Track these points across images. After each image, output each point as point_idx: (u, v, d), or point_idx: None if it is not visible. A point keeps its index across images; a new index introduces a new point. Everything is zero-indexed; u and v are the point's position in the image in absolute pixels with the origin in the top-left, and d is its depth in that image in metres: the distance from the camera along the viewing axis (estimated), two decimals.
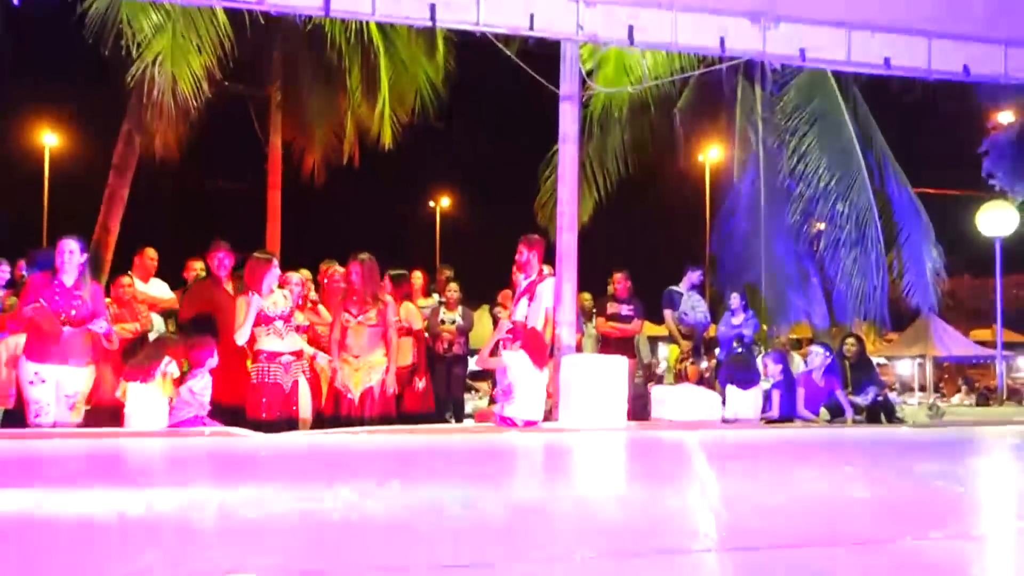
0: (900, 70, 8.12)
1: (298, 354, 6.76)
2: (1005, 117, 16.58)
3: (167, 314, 7.98)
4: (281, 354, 6.63)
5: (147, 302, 7.71)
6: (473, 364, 9.69)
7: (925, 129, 17.72)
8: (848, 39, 7.89)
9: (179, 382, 6.51)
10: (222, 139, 15.78)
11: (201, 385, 6.49)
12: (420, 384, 7.61)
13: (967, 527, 3.26)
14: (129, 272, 8.05)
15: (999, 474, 5.15)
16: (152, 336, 7.50)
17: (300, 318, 7.21)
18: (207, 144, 14.84)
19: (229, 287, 7.33)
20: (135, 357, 6.67)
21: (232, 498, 3.63)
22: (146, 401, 6.47)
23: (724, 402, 8.42)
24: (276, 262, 6.88)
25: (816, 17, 7.89)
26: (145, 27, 9.94)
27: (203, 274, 7.75)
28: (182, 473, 4.64)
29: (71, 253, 6.12)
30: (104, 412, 6.72)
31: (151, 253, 8.12)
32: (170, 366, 6.50)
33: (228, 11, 9.99)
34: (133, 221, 13.51)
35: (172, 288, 8.33)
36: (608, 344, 9.27)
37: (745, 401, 8.43)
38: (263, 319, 6.65)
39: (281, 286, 6.99)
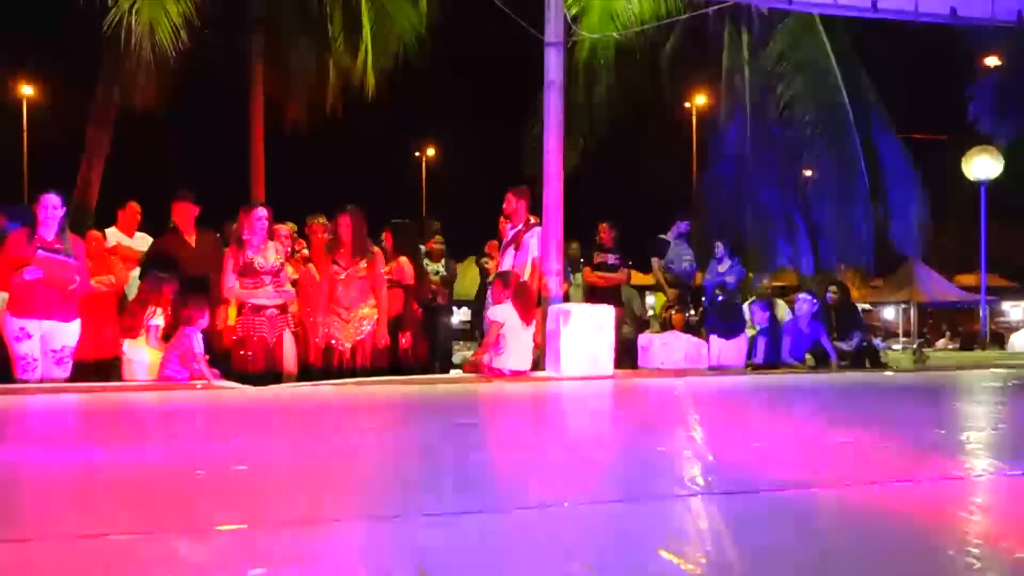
0: (887, 12, 8.05)
1: (283, 307, 6.76)
2: (991, 61, 16.48)
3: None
4: (266, 308, 6.63)
5: (122, 255, 7.62)
6: (459, 314, 9.70)
7: (911, 74, 17.63)
8: None
9: (165, 336, 6.50)
10: (203, 89, 15.53)
11: (198, 340, 6.47)
12: (403, 340, 7.51)
13: (947, 469, 3.31)
14: (112, 226, 7.97)
15: (978, 417, 5.22)
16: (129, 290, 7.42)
17: (290, 271, 7.19)
18: (187, 95, 14.61)
19: (192, 239, 7.29)
20: (125, 311, 6.67)
21: (223, 451, 3.65)
22: (137, 356, 6.48)
23: (710, 349, 8.48)
24: (262, 211, 6.81)
25: None
26: None
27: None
28: (170, 426, 4.65)
29: (54, 208, 6.06)
30: (90, 367, 6.72)
31: (134, 206, 8.03)
32: (155, 318, 6.48)
33: None
34: (116, 174, 13.36)
35: None
36: (595, 293, 9.28)
37: (729, 349, 8.49)
38: (251, 271, 6.62)
39: (271, 238, 6.95)
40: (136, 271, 7.50)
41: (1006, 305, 25.78)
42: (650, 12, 11.50)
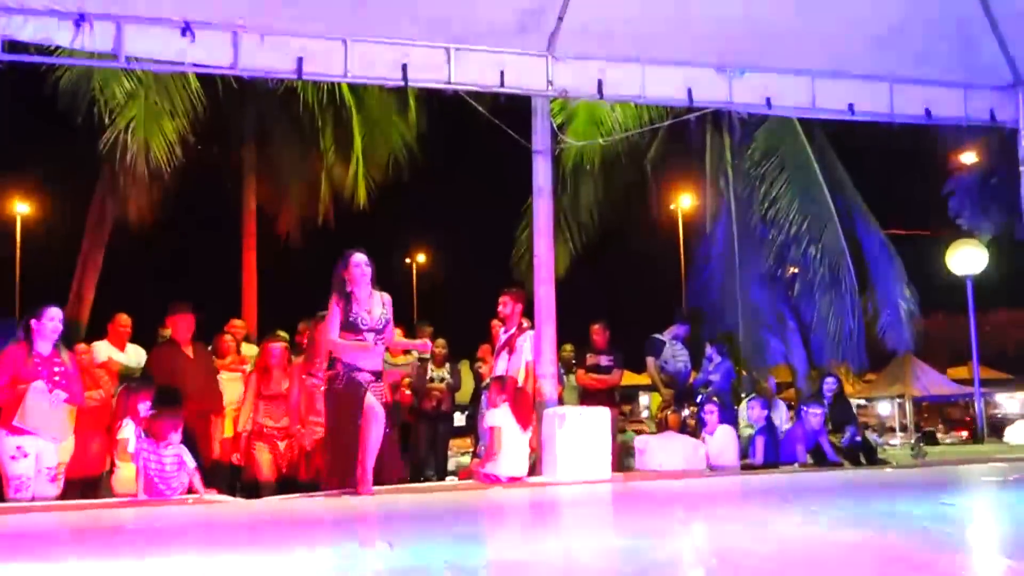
0: (864, 115, 8.29)
1: (378, 375, 6.25)
2: (968, 158, 16.93)
3: (125, 378, 7.75)
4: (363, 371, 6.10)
5: (108, 370, 7.58)
6: (458, 420, 9.61)
7: (892, 172, 18.07)
8: (812, 86, 8.05)
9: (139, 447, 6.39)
10: (196, 202, 15.77)
11: (172, 455, 6.28)
12: None
13: (956, 569, 3.24)
14: (103, 340, 7.94)
15: (985, 513, 5.14)
16: None
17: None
18: (181, 208, 14.82)
19: (189, 351, 7.27)
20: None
21: (214, 567, 3.55)
22: (125, 470, 6.37)
23: (708, 450, 8.38)
24: (360, 257, 6.08)
25: (781, 66, 8.05)
26: (118, 94, 10.01)
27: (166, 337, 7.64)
28: (160, 543, 4.53)
29: (55, 320, 6.02)
30: (78, 485, 6.60)
31: (123, 319, 8.00)
32: (122, 431, 6.39)
33: (200, 76, 10.06)
34: (108, 287, 13.41)
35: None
36: (589, 395, 9.23)
37: (722, 440, 8.37)
38: (351, 328, 6.11)
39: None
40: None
41: (1000, 397, 25.71)
42: (633, 119, 11.83)
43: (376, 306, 6.01)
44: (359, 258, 6.03)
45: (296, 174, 14.62)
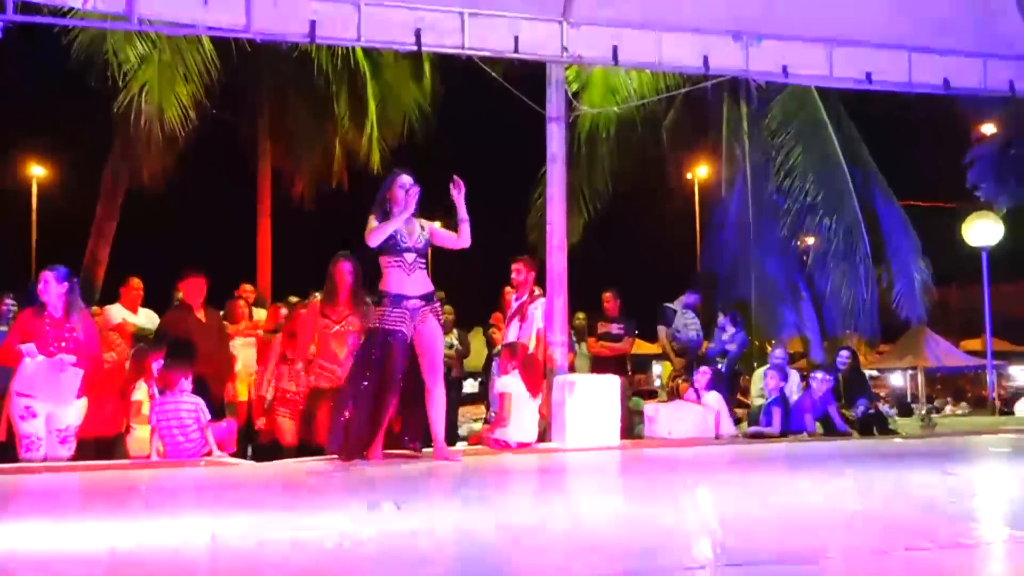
0: (881, 84, 8.19)
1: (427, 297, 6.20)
2: (987, 129, 16.73)
3: (139, 340, 7.83)
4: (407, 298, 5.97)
5: (122, 332, 7.66)
6: (470, 387, 9.66)
7: (910, 142, 17.89)
8: (830, 55, 7.95)
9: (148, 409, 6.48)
10: (211, 166, 15.80)
11: (188, 405, 6.31)
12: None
13: (959, 537, 3.27)
14: (116, 303, 8.03)
15: (988, 482, 5.17)
16: None
17: None
18: (195, 172, 14.85)
19: (201, 315, 7.32)
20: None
21: (224, 528, 3.62)
22: (139, 432, 6.47)
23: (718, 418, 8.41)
24: (406, 179, 5.99)
25: (798, 34, 7.95)
26: (131, 57, 9.99)
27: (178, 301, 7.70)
28: (173, 505, 4.62)
29: (45, 283, 6.05)
30: (92, 445, 6.69)
31: (136, 283, 8.07)
32: (136, 393, 6.47)
33: (214, 39, 10.03)
34: (123, 251, 13.50)
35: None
36: (600, 363, 9.26)
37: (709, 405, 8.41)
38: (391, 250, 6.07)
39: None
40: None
41: (1013, 369, 25.62)
42: (649, 87, 11.75)
43: (416, 229, 5.89)
44: (405, 179, 5.86)
45: (310, 139, 14.61)
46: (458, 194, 6.09)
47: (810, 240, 14.47)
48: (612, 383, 7.51)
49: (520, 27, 7.53)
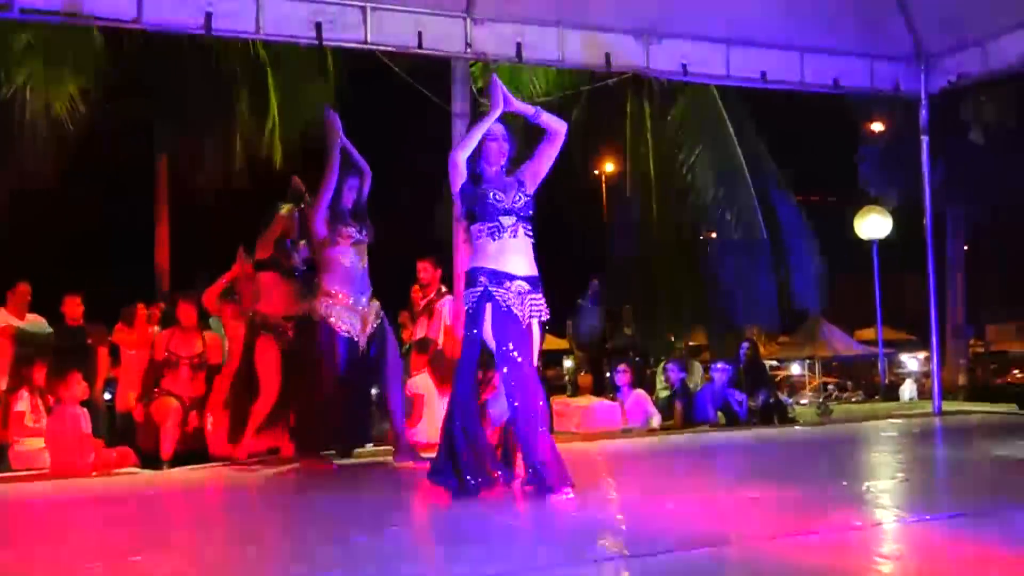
0: (776, 83, 8.45)
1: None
2: (876, 127, 17.48)
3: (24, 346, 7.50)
4: None
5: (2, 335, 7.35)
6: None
7: (806, 139, 18.53)
8: (727, 54, 8.16)
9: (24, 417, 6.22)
10: (104, 163, 15.16)
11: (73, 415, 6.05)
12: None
13: (851, 520, 3.39)
14: (2, 308, 7.67)
15: (879, 467, 5.39)
16: None
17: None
18: (88, 169, 14.23)
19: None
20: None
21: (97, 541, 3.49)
22: (22, 444, 6.19)
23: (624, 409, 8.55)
24: None
25: (697, 34, 8.13)
26: (14, 47, 9.51)
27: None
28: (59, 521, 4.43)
29: None
30: None
31: (24, 288, 7.74)
32: (19, 403, 6.20)
33: (104, 30, 9.63)
34: (11, 254, 12.84)
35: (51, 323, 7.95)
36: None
37: (634, 402, 8.56)
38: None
39: None
40: None
41: (904, 357, 26.75)
42: (554, 84, 11.83)
43: (511, 187, 4.69)
44: (496, 128, 4.84)
45: (211, 134, 14.16)
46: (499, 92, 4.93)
47: (712, 234, 14.86)
48: None
49: (424, 22, 7.48)
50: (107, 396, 8.20)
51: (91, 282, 9.85)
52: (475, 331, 4.26)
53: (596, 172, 19.78)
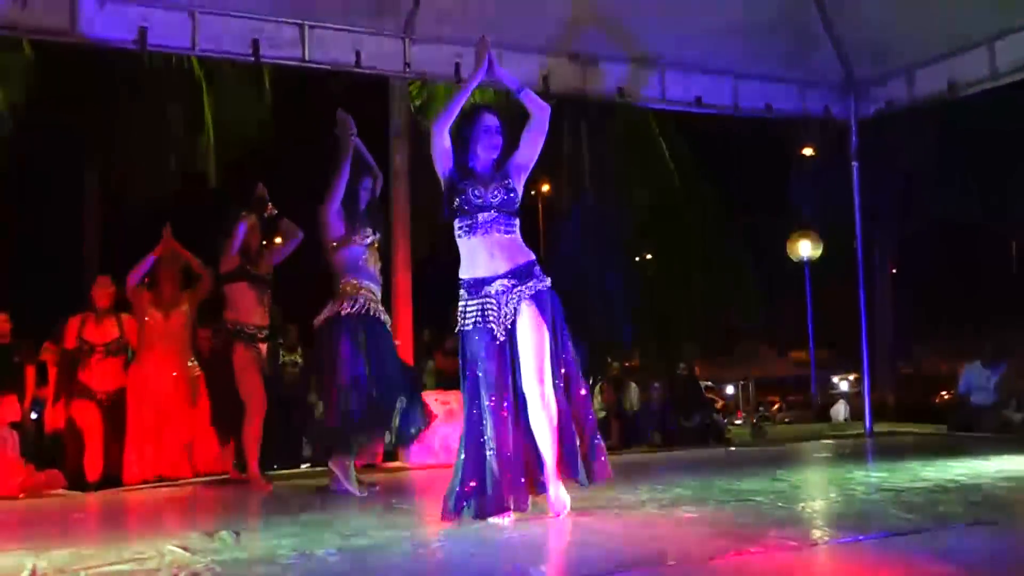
0: (710, 107, 8.63)
1: None
2: (807, 152, 17.94)
3: None
4: None
5: None
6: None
7: (741, 163, 18.92)
8: (662, 78, 8.31)
9: None
10: (32, 178, 14.72)
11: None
12: None
13: (782, 538, 3.43)
14: None
15: (812, 486, 5.48)
16: None
17: None
18: (14, 185, 13.81)
19: None
20: None
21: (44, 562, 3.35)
22: None
23: None
24: None
25: (631, 58, 8.25)
26: None
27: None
28: None
29: None
30: None
31: None
32: None
33: (35, 44, 9.40)
34: None
35: None
36: (448, 379, 9.23)
37: None
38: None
39: None
40: None
41: (835, 378, 27.36)
42: (492, 102, 11.87)
43: (494, 180, 4.33)
44: (489, 120, 4.39)
45: (143, 150, 13.87)
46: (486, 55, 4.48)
47: (649, 255, 15.06)
48: (458, 398, 7.50)
49: (363, 41, 7.46)
50: (33, 416, 7.95)
51: (18, 299, 9.57)
52: (467, 353, 4.21)
53: (532, 192, 19.92)
